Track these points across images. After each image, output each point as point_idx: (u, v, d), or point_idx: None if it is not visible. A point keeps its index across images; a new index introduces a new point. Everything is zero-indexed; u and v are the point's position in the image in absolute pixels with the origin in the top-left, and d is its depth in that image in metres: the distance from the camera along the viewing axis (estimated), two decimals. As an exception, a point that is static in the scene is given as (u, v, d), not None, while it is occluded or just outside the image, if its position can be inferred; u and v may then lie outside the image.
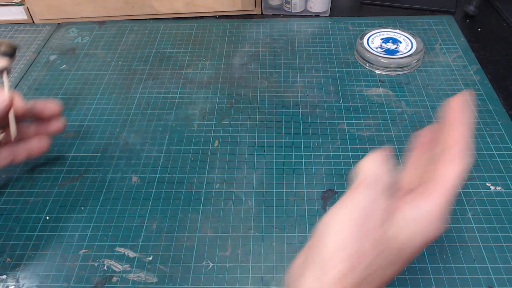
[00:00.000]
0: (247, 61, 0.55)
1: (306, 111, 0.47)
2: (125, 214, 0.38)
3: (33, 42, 0.60)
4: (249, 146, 0.44)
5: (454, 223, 0.36)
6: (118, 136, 0.46)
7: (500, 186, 0.39)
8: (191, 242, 0.36)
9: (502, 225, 0.36)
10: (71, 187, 0.41)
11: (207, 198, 0.39)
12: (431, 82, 0.50)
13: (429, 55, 0.54)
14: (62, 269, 0.35)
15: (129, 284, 0.33)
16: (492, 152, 0.42)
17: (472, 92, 0.48)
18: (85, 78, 0.53)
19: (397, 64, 0.51)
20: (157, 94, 0.50)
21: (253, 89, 0.51)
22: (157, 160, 0.43)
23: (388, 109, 0.47)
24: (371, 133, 0.44)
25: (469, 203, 0.38)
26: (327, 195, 0.39)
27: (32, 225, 0.38)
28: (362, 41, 0.53)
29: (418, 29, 0.58)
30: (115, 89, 0.51)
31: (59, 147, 0.45)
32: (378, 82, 0.50)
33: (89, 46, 0.59)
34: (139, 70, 0.54)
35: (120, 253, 0.35)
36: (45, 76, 0.54)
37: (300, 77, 0.52)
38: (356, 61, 0.54)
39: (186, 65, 0.55)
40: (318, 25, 0.60)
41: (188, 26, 0.61)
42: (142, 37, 0.60)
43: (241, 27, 0.60)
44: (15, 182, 0.42)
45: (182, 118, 0.47)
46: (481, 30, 0.59)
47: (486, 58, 0.54)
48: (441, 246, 0.35)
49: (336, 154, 0.42)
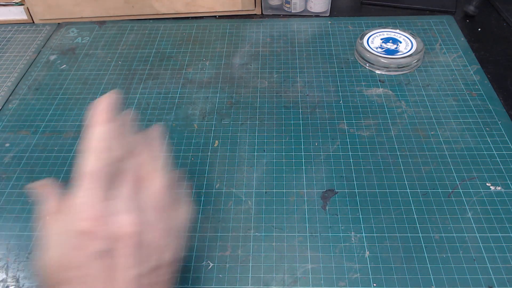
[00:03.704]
0: (247, 61, 0.55)
1: (306, 111, 0.47)
2: (125, 214, 0.38)
3: (33, 42, 0.60)
4: (249, 146, 0.44)
5: (454, 223, 0.36)
6: (118, 136, 0.45)
7: (500, 186, 0.39)
8: (191, 242, 0.36)
9: (502, 225, 0.36)
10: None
11: (207, 198, 0.39)
12: (431, 82, 0.50)
13: (429, 55, 0.54)
14: (62, 269, 0.35)
15: (129, 284, 0.33)
16: (492, 152, 0.42)
17: (472, 92, 0.48)
18: (85, 78, 0.53)
19: (397, 64, 0.51)
20: (157, 94, 0.50)
21: (253, 89, 0.51)
22: (157, 160, 0.43)
23: (388, 109, 0.47)
24: (371, 133, 0.44)
25: (469, 203, 0.38)
26: (327, 195, 0.39)
27: (32, 225, 0.38)
28: (362, 41, 0.53)
29: (418, 29, 0.58)
30: (115, 89, 0.51)
31: (59, 147, 0.45)
32: (378, 82, 0.50)
33: (89, 46, 0.59)
34: (139, 70, 0.54)
35: (120, 253, 0.35)
36: (45, 76, 0.54)
37: (300, 77, 0.52)
38: (356, 61, 0.54)
39: (186, 65, 0.55)
40: (318, 25, 0.60)
41: (188, 26, 0.61)
42: (142, 37, 0.60)
43: (241, 27, 0.60)
44: (15, 182, 0.42)
45: (182, 118, 0.47)
46: (481, 30, 0.59)
47: (486, 58, 0.54)
48: (441, 246, 0.35)
49: (336, 154, 0.42)
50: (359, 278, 0.33)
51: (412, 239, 0.35)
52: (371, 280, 0.33)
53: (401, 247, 0.35)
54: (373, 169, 0.41)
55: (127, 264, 0.24)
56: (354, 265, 0.34)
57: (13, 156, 0.44)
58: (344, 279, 0.33)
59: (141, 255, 0.24)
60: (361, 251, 0.35)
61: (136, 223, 0.24)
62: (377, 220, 0.37)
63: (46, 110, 0.49)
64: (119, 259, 0.24)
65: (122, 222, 0.24)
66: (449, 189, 0.39)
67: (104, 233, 0.23)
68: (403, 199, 0.38)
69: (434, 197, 0.38)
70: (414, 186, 0.39)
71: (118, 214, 0.24)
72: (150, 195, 0.26)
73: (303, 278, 0.33)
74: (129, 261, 0.24)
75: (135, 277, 0.24)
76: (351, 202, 0.38)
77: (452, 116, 0.46)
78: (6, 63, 0.56)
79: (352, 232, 0.36)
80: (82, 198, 0.24)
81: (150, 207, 0.26)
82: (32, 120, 0.48)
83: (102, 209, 0.24)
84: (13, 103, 0.50)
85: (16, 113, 0.49)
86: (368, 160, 0.42)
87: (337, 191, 0.39)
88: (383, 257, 0.34)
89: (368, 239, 0.35)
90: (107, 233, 0.24)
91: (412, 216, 0.37)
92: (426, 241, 0.35)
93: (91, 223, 0.23)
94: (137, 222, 0.24)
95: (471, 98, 0.48)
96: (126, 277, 0.24)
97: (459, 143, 0.43)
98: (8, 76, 0.54)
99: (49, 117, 0.48)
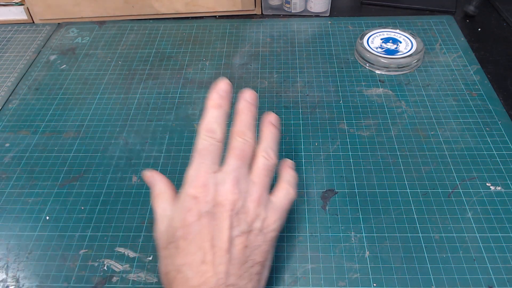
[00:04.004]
0: (247, 61, 0.55)
1: (306, 111, 0.47)
2: (125, 214, 0.38)
3: (33, 42, 0.60)
4: (249, 146, 0.43)
5: (454, 223, 0.36)
6: (118, 136, 0.46)
7: (500, 186, 0.39)
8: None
9: (502, 225, 0.36)
10: (71, 187, 0.41)
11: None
12: (431, 82, 0.50)
13: (429, 55, 0.54)
14: (62, 269, 0.35)
15: (129, 284, 0.33)
16: (492, 152, 0.42)
17: (472, 92, 0.48)
18: (85, 78, 0.53)
19: (397, 64, 0.51)
20: (157, 94, 0.50)
21: (253, 89, 0.50)
22: (157, 160, 0.43)
23: (388, 109, 0.47)
24: (371, 133, 0.44)
25: (469, 203, 0.38)
26: (327, 195, 0.39)
27: (32, 225, 0.38)
28: (362, 41, 0.53)
29: (418, 29, 0.58)
30: (115, 89, 0.51)
31: (59, 147, 0.45)
32: (378, 82, 0.50)
33: (89, 46, 0.59)
34: (139, 70, 0.54)
35: (120, 253, 0.35)
36: (45, 76, 0.54)
37: (300, 77, 0.52)
38: (356, 61, 0.54)
39: (186, 65, 0.55)
40: (318, 25, 0.60)
41: (188, 26, 0.61)
42: (142, 37, 0.60)
43: (241, 27, 0.60)
44: (15, 182, 0.42)
45: (182, 118, 0.47)
46: (481, 30, 0.59)
47: (486, 58, 0.54)
48: (441, 246, 0.35)
49: (336, 154, 0.42)
50: (359, 278, 0.33)
51: (412, 239, 0.35)
52: (371, 280, 0.33)
53: (401, 247, 0.35)
54: (373, 169, 0.41)
55: (224, 225, 0.28)
56: (354, 265, 0.34)
57: (13, 156, 0.44)
58: (344, 279, 0.33)
59: (238, 219, 0.29)
60: (361, 251, 0.35)
61: (235, 193, 0.29)
62: (377, 220, 0.37)
63: (46, 110, 0.49)
64: (218, 220, 0.28)
65: (223, 191, 0.29)
66: (449, 189, 0.39)
67: (208, 198, 0.29)
68: (403, 199, 0.38)
69: (434, 197, 0.38)
70: (414, 186, 0.39)
71: (221, 184, 0.29)
72: (252, 171, 0.31)
73: (303, 278, 0.33)
74: (225, 222, 0.28)
75: (229, 237, 0.28)
76: (351, 202, 0.38)
77: (452, 116, 0.46)
78: (6, 63, 0.56)
79: (352, 232, 0.36)
80: (193, 170, 0.30)
81: (250, 180, 0.31)
82: (32, 120, 0.48)
83: (208, 179, 0.29)
84: (13, 103, 0.50)
85: (16, 113, 0.49)
86: (368, 160, 0.42)
87: (337, 191, 0.39)
88: (383, 257, 0.34)
89: (368, 239, 0.35)
90: (210, 198, 0.29)
91: (412, 216, 0.37)
92: (426, 241, 0.35)
93: (199, 189, 0.29)
94: (235, 192, 0.29)
95: (471, 98, 0.48)
96: (222, 236, 0.28)
97: (459, 143, 0.43)
98: (8, 76, 0.54)
99: (49, 117, 0.48)
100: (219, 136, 0.31)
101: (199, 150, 0.31)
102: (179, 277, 0.27)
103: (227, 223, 0.28)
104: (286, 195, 0.32)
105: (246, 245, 0.28)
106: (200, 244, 0.28)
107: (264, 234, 0.30)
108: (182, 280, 0.27)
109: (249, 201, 0.30)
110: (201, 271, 0.27)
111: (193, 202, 0.29)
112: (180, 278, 0.27)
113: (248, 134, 0.32)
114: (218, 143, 0.31)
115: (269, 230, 0.30)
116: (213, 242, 0.28)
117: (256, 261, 0.29)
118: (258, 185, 0.31)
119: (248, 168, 0.31)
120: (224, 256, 0.28)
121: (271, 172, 0.32)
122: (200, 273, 0.27)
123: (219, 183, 0.29)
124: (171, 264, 0.28)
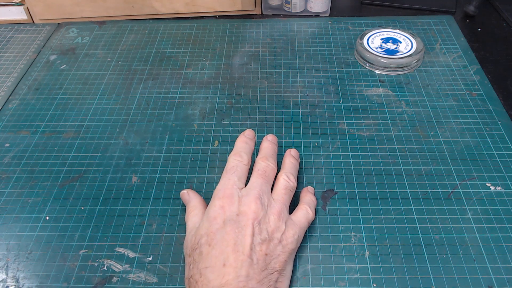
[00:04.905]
0: (247, 61, 0.55)
1: (306, 111, 0.47)
2: (125, 214, 0.38)
3: (33, 42, 0.60)
4: (249, 146, 0.44)
5: (454, 223, 0.36)
6: (118, 136, 0.46)
7: (500, 186, 0.39)
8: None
9: (502, 225, 0.36)
10: (71, 187, 0.41)
11: (207, 198, 0.39)
12: (431, 82, 0.50)
13: (429, 55, 0.54)
14: (62, 269, 0.35)
15: (129, 284, 0.33)
16: (492, 152, 0.42)
17: (472, 92, 0.48)
18: (85, 78, 0.53)
19: (397, 64, 0.51)
20: (157, 94, 0.50)
21: (253, 89, 0.51)
22: (157, 160, 0.43)
23: (388, 109, 0.47)
24: (371, 133, 0.44)
25: (469, 203, 0.38)
26: (327, 195, 0.39)
27: (32, 225, 0.38)
28: (362, 41, 0.53)
29: (418, 29, 0.58)
30: (115, 89, 0.51)
31: (59, 147, 0.45)
32: (378, 82, 0.50)
33: (89, 46, 0.59)
34: (139, 70, 0.54)
35: (120, 253, 0.35)
36: (45, 76, 0.54)
37: (300, 77, 0.52)
38: (356, 61, 0.54)
39: (186, 65, 0.55)
40: (318, 25, 0.60)
41: (188, 26, 0.61)
42: (142, 37, 0.60)
43: (241, 27, 0.60)
44: (15, 182, 0.42)
45: (182, 118, 0.47)
46: (481, 30, 0.59)
47: (486, 58, 0.54)
48: (441, 246, 0.35)
49: (336, 154, 0.42)
50: (359, 278, 0.33)
51: (412, 239, 0.35)
52: (371, 280, 0.33)
53: (401, 247, 0.35)
54: (373, 169, 0.41)
55: (246, 232, 0.30)
56: (354, 265, 0.34)
57: (13, 156, 0.44)
58: (344, 279, 0.33)
59: (260, 228, 0.31)
60: (361, 251, 0.35)
61: (258, 204, 0.32)
62: (377, 220, 0.37)
63: (46, 110, 0.49)
64: (241, 228, 0.31)
65: (247, 202, 0.32)
66: (449, 189, 0.39)
67: (233, 207, 0.32)
68: (403, 199, 0.38)
69: (434, 197, 0.38)
70: (414, 186, 0.39)
71: (245, 196, 0.33)
72: (274, 190, 0.35)
73: (303, 278, 0.33)
74: (248, 229, 0.30)
75: (251, 243, 0.30)
76: (351, 202, 0.38)
77: (452, 116, 0.46)
78: (6, 63, 0.56)
79: (352, 232, 0.36)
80: (220, 185, 0.34)
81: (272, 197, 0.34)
82: (32, 120, 0.48)
83: (234, 192, 0.33)
84: (13, 103, 0.50)
85: (16, 113, 0.49)
86: (368, 160, 0.42)
87: (337, 191, 0.39)
88: (383, 257, 0.34)
89: (368, 239, 0.35)
90: (235, 208, 0.32)
91: (412, 216, 0.37)
92: (426, 241, 0.35)
93: (225, 200, 0.32)
94: (258, 203, 0.32)
95: (471, 98, 0.48)
96: (245, 242, 0.30)
97: (459, 143, 0.43)
98: (8, 76, 0.54)
99: (49, 117, 0.48)
100: (246, 161, 0.35)
101: (227, 169, 0.35)
102: (200, 280, 0.29)
103: (250, 230, 0.30)
104: (305, 214, 0.35)
105: (266, 253, 0.30)
106: (223, 249, 0.30)
107: (283, 246, 0.31)
108: (204, 282, 0.29)
109: (271, 213, 0.32)
110: (222, 273, 0.29)
111: (219, 211, 0.32)
112: (202, 280, 0.29)
113: (270, 160, 0.36)
114: (245, 165, 0.35)
115: (288, 242, 0.32)
116: (235, 247, 0.30)
117: (275, 269, 0.30)
118: (279, 202, 0.33)
119: (270, 188, 0.35)
120: (246, 261, 0.29)
121: (291, 193, 0.35)
122: (222, 275, 0.28)
123: (244, 196, 0.33)
124: (195, 268, 0.30)
